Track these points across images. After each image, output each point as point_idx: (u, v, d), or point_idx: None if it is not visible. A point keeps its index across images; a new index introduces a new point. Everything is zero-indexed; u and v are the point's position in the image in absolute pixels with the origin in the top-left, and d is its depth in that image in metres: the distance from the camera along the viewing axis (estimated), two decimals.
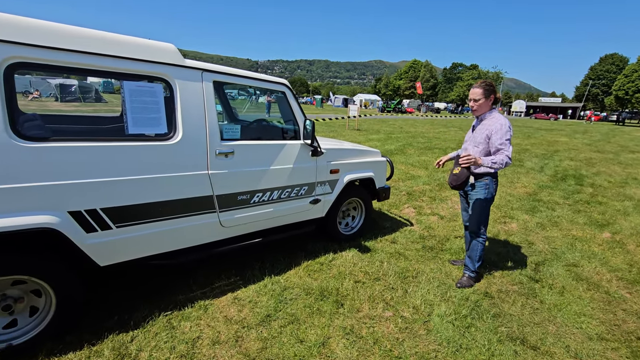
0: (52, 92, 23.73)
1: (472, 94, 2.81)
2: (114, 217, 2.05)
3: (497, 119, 2.72)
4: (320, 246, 3.53)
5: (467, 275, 3.03)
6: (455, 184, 2.77)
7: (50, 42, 1.76)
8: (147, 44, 2.12)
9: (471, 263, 3.01)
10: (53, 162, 1.81)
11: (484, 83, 2.79)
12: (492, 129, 2.69)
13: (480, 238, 2.96)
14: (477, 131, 2.83)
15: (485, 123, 2.79)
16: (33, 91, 23.89)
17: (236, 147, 2.54)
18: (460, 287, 2.93)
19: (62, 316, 1.99)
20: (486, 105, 2.79)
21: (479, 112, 2.83)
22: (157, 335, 2.13)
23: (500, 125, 2.66)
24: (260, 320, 2.34)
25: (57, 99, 23.20)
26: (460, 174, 2.75)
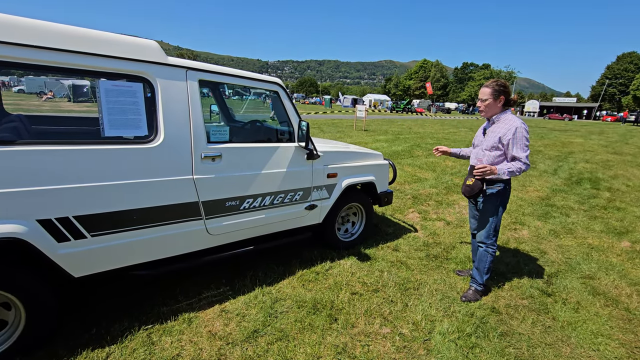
0: (65, 93, 24.13)
1: (480, 93, 2.64)
2: (89, 226, 1.92)
3: (510, 121, 2.53)
4: (317, 254, 3.36)
5: (474, 288, 2.82)
6: (469, 195, 2.63)
7: (21, 39, 1.64)
8: (125, 40, 1.98)
9: (479, 275, 2.80)
10: (20, 167, 1.68)
11: (494, 82, 2.60)
12: (505, 133, 2.50)
13: (490, 249, 2.75)
14: (489, 134, 2.63)
15: (497, 126, 2.59)
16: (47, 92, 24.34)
17: (224, 150, 2.39)
18: (465, 300, 2.73)
19: (32, 330, 1.87)
20: (495, 107, 2.60)
21: (486, 114, 2.65)
22: (135, 351, 1.99)
23: (515, 129, 2.47)
24: (246, 336, 2.19)
25: (70, 99, 23.58)
26: (474, 185, 2.58)
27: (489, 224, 2.69)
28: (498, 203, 2.65)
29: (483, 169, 2.42)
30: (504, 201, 2.68)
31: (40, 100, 21.97)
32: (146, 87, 2.08)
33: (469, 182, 2.61)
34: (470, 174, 2.61)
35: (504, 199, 2.67)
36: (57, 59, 1.76)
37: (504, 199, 2.66)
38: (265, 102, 11.05)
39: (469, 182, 2.60)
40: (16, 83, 26.44)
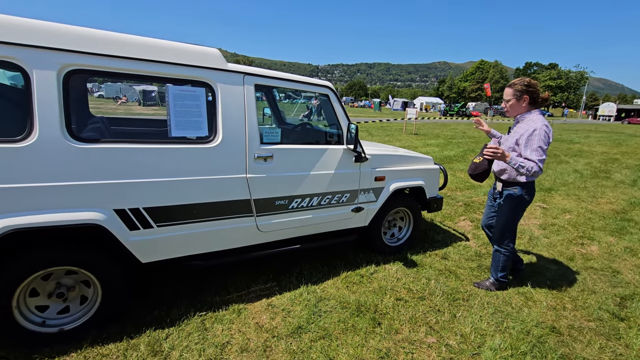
0: (136, 98, 26.73)
1: (504, 93, 2.64)
2: (156, 217, 2.13)
3: (532, 122, 2.46)
4: (362, 257, 3.35)
5: (492, 280, 2.92)
6: (472, 172, 2.55)
7: (102, 50, 1.88)
8: (192, 49, 2.17)
9: (494, 271, 2.89)
10: (103, 161, 1.92)
11: (518, 81, 2.56)
12: (524, 133, 2.45)
13: (503, 249, 2.79)
14: (511, 134, 2.60)
15: (519, 126, 2.56)
16: (122, 97, 27.15)
17: (275, 151, 2.50)
18: (478, 286, 2.90)
19: (106, 307, 2.11)
20: (518, 107, 2.57)
21: (512, 114, 2.63)
22: (190, 335, 2.16)
23: (533, 130, 2.40)
24: (291, 331, 2.26)
25: (140, 103, 26.05)
26: (480, 164, 2.51)
27: (503, 225, 2.73)
28: (513, 206, 2.63)
29: (495, 150, 2.34)
30: (521, 206, 2.64)
31: (116, 104, 24.52)
32: (208, 91, 2.26)
33: (476, 159, 2.53)
34: (480, 153, 2.53)
35: (521, 204, 2.63)
36: (135, 68, 1.98)
37: (520, 204, 2.63)
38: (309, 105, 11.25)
39: (475, 160, 2.53)
40: (97, 89, 29.80)
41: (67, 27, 1.83)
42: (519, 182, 2.57)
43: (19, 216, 1.75)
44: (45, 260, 1.89)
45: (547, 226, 4.56)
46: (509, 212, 2.66)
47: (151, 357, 1.96)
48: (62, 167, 1.82)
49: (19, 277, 1.84)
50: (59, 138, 1.79)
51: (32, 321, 1.96)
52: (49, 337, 1.98)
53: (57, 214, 1.83)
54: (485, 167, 2.46)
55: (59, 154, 1.80)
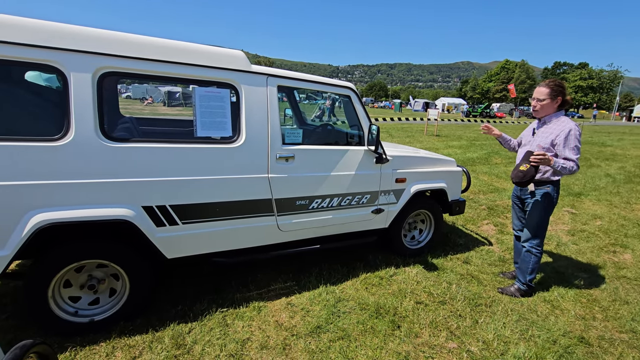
0: (161, 98, 27.60)
1: (536, 92, 2.60)
2: (181, 214, 2.20)
3: (564, 123, 2.52)
4: (382, 259, 3.33)
5: (517, 286, 2.85)
6: (520, 180, 2.49)
7: (134, 53, 1.96)
8: (217, 51, 2.23)
9: (522, 275, 2.81)
10: (132, 160, 2.00)
11: (552, 82, 2.54)
12: (559, 134, 2.48)
13: (534, 249, 2.75)
14: (540, 135, 2.61)
15: (550, 127, 2.57)
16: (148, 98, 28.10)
17: (297, 151, 2.52)
18: (503, 292, 2.82)
19: (133, 300, 2.20)
20: (550, 107, 2.57)
21: (541, 114, 2.62)
22: (212, 330, 2.21)
23: (568, 131, 2.45)
24: (310, 330, 2.27)
25: (165, 104, 26.88)
26: (528, 171, 2.45)
27: (537, 224, 2.68)
28: (545, 204, 2.63)
29: (542, 156, 2.36)
30: (551, 205, 2.66)
31: (142, 104, 25.40)
32: (232, 93, 2.31)
33: (522, 167, 2.47)
34: (525, 160, 2.48)
35: (551, 203, 2.65)
36: (164, 70, 2.05)
37: (550, 202, 2.64)
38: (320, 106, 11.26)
39: (522, 168, 2.46)
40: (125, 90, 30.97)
41: (102, 31, 1.92)
42: (551, 180, 2.61)
43: (55, 211, 1.85)
44: (78, 252, 1.99)
45: (576, 232, 4.37)
46: (543, 211, 2.65)
47: (175, 350, 2.03)
48: (95, 165, 1.91)
49: (55, 268, 1.94)
50: (93, 137, 1.88)
51: (65, 311, 2.07)
52: (80, 327, 2.08)
53: (89, 209, 1.92)
54: (533, 174, 2.44)
55: (93, 152, 1.89)
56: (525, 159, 2.47)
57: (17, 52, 1.72)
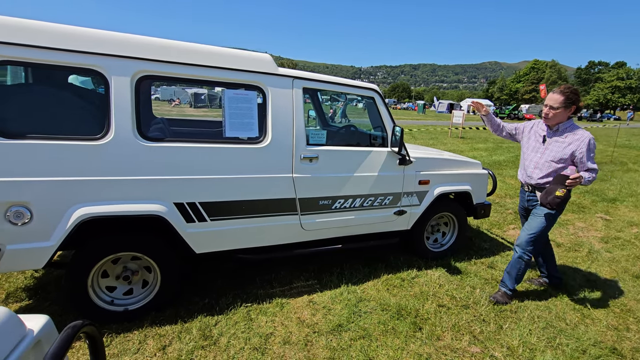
0: (188, 100, 28.50)
1: (550, 99, 2.50)
2: (209, 211, 2.29)
3: (584, 134, 2.46)
4: (403, 260, 3.32)
5: (503, 291, 2.75)
6: (556, 206, 2.43)
7: (169, 57, 2.07)
8: (246, 55, 2.31)
9: (510, 280, 2.73)
10: (166, 159, 2.11)
11: (567, 90, 2.44)
12: (580, 145, 2.43)
13: (526, 255, 2.67)
14: (555, 144, 2.53)
15: (568, 137, 2.50)
16: (175, 99, 29.07)
17: (321, 152, 2.57)
18: (494, 301, 2.70)
19: (164, 291, 2.31)
20: (564, 115, 2.49)
21: (553, 122, 2.53)
22: (237, 324, 2.29)
23: (588, 141, 2.43)
24: (331, 328, 2.31)
25: (191, 105, 27.73)
26: (565, 196, 2.39)
27: (539, 231, 2.60)
28: (553, 214, 2.58)
29: (579, 179, 2.34)
30: (558, 214, 2.63)
31: (170, 105, 26.30)
32: (259, 94, 2.39)
33: (559, 192, 2.39)
34: (559, 184, 2.40)
35: (558, 212, 2.62)
36: (196, 73, 2.15)
37: (558, 213, 2.61)
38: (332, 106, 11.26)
39: (559, 193, 2.39)
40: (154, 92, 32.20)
41: (140, 37, 2.04)
42: None
43: (95, 205, 1.98)
44: (116, 245, 2.12)
45: (610, 239, 4.18)
46: (549, 219, 2.59)
47: (202, 340, 2.12)
48: (132, 163, 2.03)
49: (95, 259, 2.08)
50: (131, 137, 2.01)
51: (102, 299, 2.20)
52: (115, 315, 2.21)
53: (126, 205, 2.04)
54: (569, 197, 2.45)
55: (130, 151, 2.02)
56: (560, 183, 2.40)
57: (66, 57, 1.86)
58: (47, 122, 1.93)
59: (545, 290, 2.95)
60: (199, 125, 3.56)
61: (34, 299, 2.46)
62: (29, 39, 1.78)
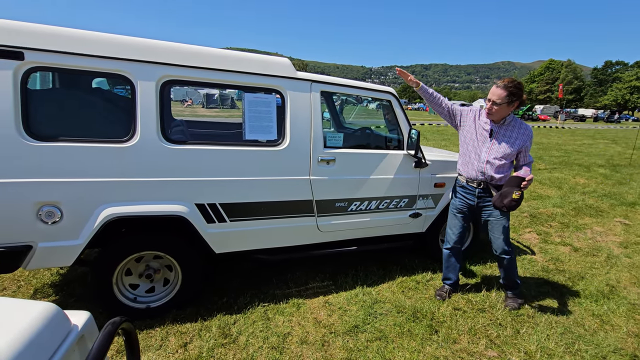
0: (200, 100, 28.89)
1: (492, 94, 2.41)
2: (229, 212, 2.34)
3: (527, 128, 2.50)
4: (418, 263, 3.32)
5: (510, 295, 2.74)
6: (512, 209, 2.41)
7: (192, 62, 2.13)
8: (266, 59, 2.36)
9: (512, 282, 2.70)
10: (188, 161, 2.17)
11: (511, 84, 2.36)
12: (526, 139, 2.47)
13: (513, 255, 2.67)
14: (503, 140, 2.47)
15: (513, 131, 2.47)
16: (188, 100, 29.48)
17: (338, 154, 2.60)
18: (511, 308, 2.65)
19: (184, 290, 2.37)
20: (506, 111, 2.43)
21: (496, 117, 2.46)
22: (255, 323, 2.34)
23: (531, 134, 2.49)
24: (347, 329, 2.33)
25: (203, 105, 28.09)
26: (520, 198, 2.37)
27: (507, 231, 2.61)
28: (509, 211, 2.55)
29: (530, 181, 2.39)
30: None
31: (183, 106, 26.68)
32: (278, 98, 2.43)
33: (515, 195, 2.36)
34: (515, 186, 2.37)
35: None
36: (218, 77, 2.21)
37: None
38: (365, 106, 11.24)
39: (515, 196, 2.36)
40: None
41: (165, 43, 2.10)
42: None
43: (121, 206, 2.05)
44: (140, 244, 2.19)
45: (630, 244, 4.10)
46: (508, 218, 2.60)
47: (222, 339, 2.17)
48: (156, 165, 2.10)
49: (120, 257, 2.15)
50: (155, 140, 2.07)
51: (126, 297, 2.28)
52: (138, 312, 2.28)
53: (150, 205, 2.11)
54: (523, 197, 2.43)
55: (155, 153, 2.08)
56: (515, 186, 2.37)
57: (94, 63, 1.93)
58: (77, 125, 2.01)
59: (562, 295, 2.92)
60: (215, 126, 3.63)
61: (60, 295, 2.55)
62: (61, 45, 1.86)
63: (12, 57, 1.78)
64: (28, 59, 1.81)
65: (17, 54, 1.79)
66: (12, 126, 1.80)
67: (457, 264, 2.81)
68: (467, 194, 2.62)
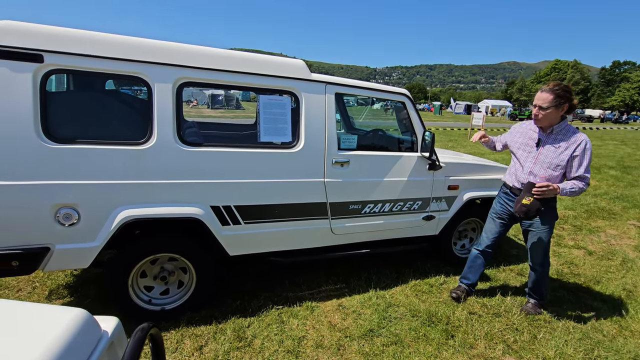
0: (205, 101, 28.99)
1: (538, 98, 2.29)
2: (244, 214, 2.33)
3: (579, 137, 2.27)
4: (430, 266, 3.29)
5: (534, 302, 2.68)
6: (525, 216, 2.32)
7: (208, 64, 2.12)
8: (281, 61, 2.35)
9: (539, 294, 2.66)
10: (204, 163, 2.17)
11: (557, 87, 2.23)
12: (576, 149, 2.25)
13: (546, 269, 2.61)
14: (550, 149, 2.34)
15: (563, 140, 2.30)
16: (193, 100, 29.60)
17: (352, 157, 2.58)
18: (527, 313, 2.61)
19: (199, 292, 2.37)
20: (555, 116, 2.27)
21: (544, 123, 2.33)
22: (269, 326, 2.32)
23: (584, 145, 2.24)
24: (362, 333, 2.31)
25: (209, 106, 28.19)
26: (532, 205, 2.26)
27: (545, 246, 2.51)
28: (553, 221, 2.48)
29: (545, 188, 2.21)
30: (555, 219, 2.50)
31: (188, 107, 26.78)
32: (293, 100, 2.42)
33: (525, 201, 2.28)
34: (527, 192, 2.29)
35: (555, 217, 2.50)
36: (233, 79, 2.20)
37: (555, 217, 2.49)
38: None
39: (525, 202, 2.28)
40: None
41: (181, 45, 2.10)
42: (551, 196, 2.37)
43: (138, 208, 2.05)
44: (156, 246, 2.19)
45: None
46: (551, 229, 2.48)
47: (237, 342, 2.16)
48: (173, 167, 2.09)
49: (137, 259, 2.15)
50: (171, 142, 2.07)
51: (141, 299, 2.28)
52: (153, 314, 2.28)
53: (166, 207, 2.10)
54: (538, 207, 2.26)
55: (171, 155, 2.08)
56: (527, 191, 2.28)
57: (112, 65, 1.93)
58: (94, 127, 2.02)
59: (578, 300, 2.88)
60: (225, 128, 3.62)
61: (75, 296, 2.56)
62: (80, 48, 1.86)
63: (31, 59, 1.79)
64: (47, 61, 1.81)
65: (36, 57, 1.79)
66: (32, 128, 1.80)
67: (482, 267, 2.78)
68: (509, 200, 2.58)
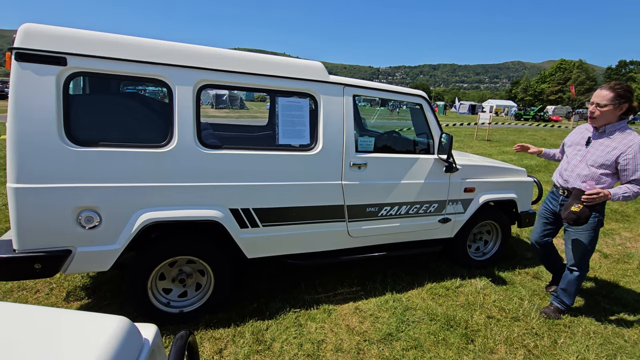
0: (209, 101, 29.07)
1: (597, 96, 2.24)
2: (262, 217, 2.33)
3: (631, 136, 2.19)
4: (445, 268, 3.27)
5: (556, 306, 2.64)
6: (575, 223, 2.27)
7: (227, 67, 2.12)
8: (299, 63, 2.34)
9: (567, 297, 2.60)
10: (223, 166, 2.16)
11: (619, 86, 2.18)
12: (625, 151, 2.17)
13: (584, 272, 2.54)
14: (599, 148, 2.28)
15: (613, 140, 2.24)
16: None
17: (369, 159, 2.57)
18: (545, 316, 2.60)
19: (217, 295, 2.36)
20: (613, 115, 2.21)
21: (599, 122, 2.27)
22: (288, 329, 2.31)
23: (636, 148, 2.14)
24: (381, 337, 2.30)
25: (213, 106, 28.27)
26: (582, 212, 2.22)
27: (588, 245, 2.44)
28: (597, 226, 2.40)
29: (596, 195, 2.15)
30: (600, 225, 2.43)
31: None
32: (311, 102, 2.40)
33: (574, 208, 2.24)
34: (576, 199, 2.25)
35: (601, 224, 2.42)
36: (251, 82, 2.19)
37: (600, 224, 2.42)
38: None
39: (574, 209, 2.23)
40: None
41: (201, 47, 2.09)
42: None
43: (158, 210, 2.04)
44: (175, 248, 2.19)
45: None
46: (594, 231, 2.41)
47: (256, 345, 2.15)
48: (193, 170, 2.09)
49: (157, 261, 2.15)
50: (192, 145, 2.06)
51: (160, 301, 2.27)
52: (171, 317, 2.28)
53: (187, 210, 2.10)
54: (587, 214, 2.22)
55: (191, 158, 2.07)
56: (576, 198, 2.23)
57: (133, 68, 1.93)
58: (116, 130, 2.01)
59: (597, 304, 2.84)
60: (237, 129, 3.61)
61: (92, 298, 2.56)
62: (102, 51, 1.86)
63: (55, 62, 1.79)
64: (70, 64, 1.81)
65: (59, 60, 1.79)
66: (55, 131, 1.81)
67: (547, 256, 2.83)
68: (553, 199, 2.61)
